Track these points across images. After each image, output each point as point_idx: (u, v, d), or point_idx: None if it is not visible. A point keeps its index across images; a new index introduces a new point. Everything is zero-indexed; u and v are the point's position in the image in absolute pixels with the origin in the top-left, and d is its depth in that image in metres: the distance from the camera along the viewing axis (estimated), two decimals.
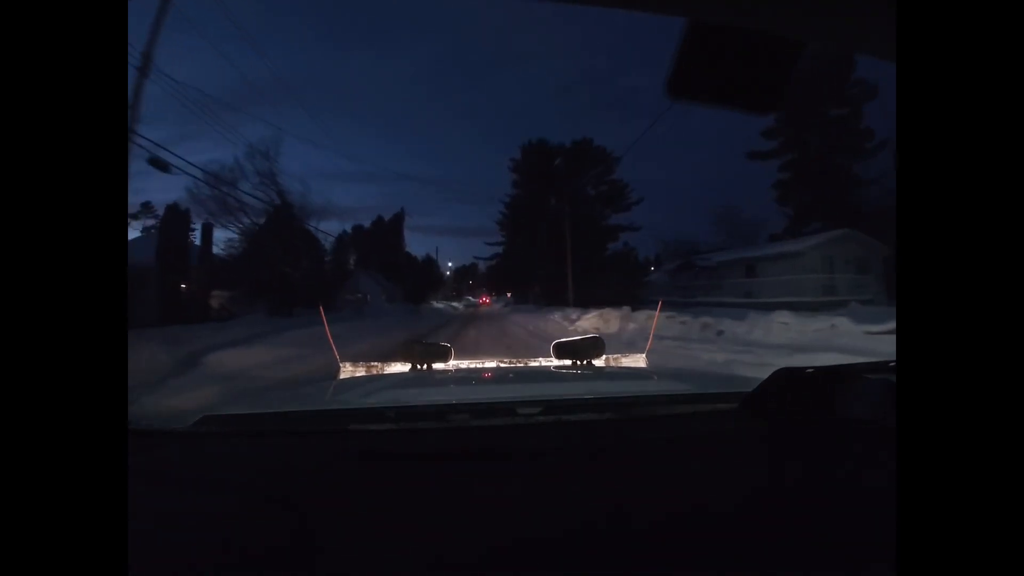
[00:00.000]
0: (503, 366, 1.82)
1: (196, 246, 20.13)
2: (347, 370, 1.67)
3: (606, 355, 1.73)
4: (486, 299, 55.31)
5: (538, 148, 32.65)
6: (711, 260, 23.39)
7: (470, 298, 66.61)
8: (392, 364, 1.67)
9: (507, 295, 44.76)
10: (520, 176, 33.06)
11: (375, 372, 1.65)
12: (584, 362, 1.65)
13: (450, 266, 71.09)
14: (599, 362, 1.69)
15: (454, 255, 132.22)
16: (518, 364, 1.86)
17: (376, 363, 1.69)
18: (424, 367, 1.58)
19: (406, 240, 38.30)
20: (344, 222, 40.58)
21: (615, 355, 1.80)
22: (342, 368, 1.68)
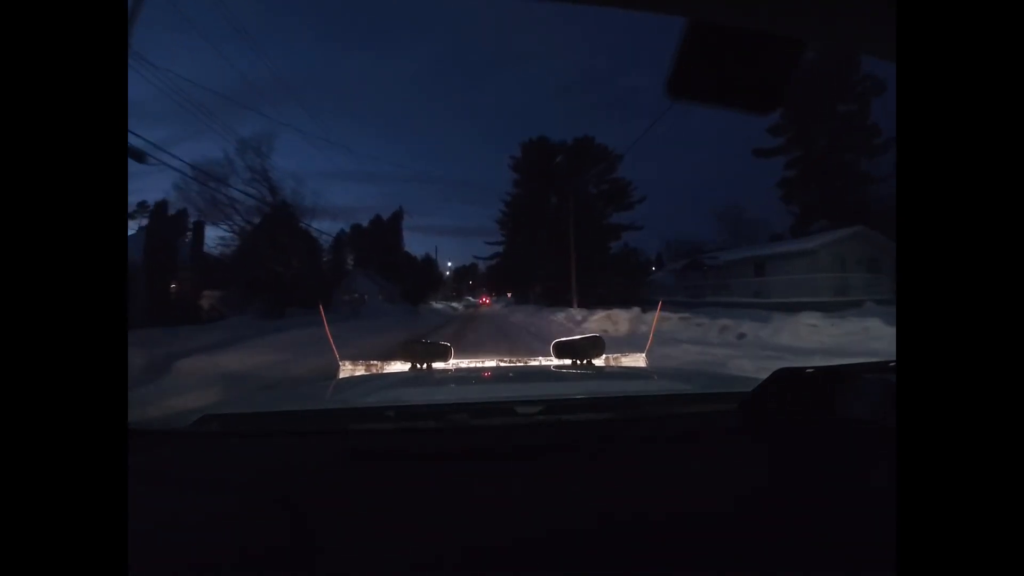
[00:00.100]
0: (503, 365, 1.81)
1: (187, 245, 19.59)
2: (347, 369, 1.66)
3: (606, 354, 1.71)
4: (486, 299, 55.77)
5: (539, 146, 32.22)
6: (719, 259, 22.65)
7: (470, 298, 66.94)
8: (392, 363, 1.66)
9: (507, 295, 44.40)
10: (520, 174, 32.61)
11: (375, 371, 1.64)
12: (584, 361, 1.63)
13: (449, 266, 70.96)
14: (599, 361, 1.68)
15: (454, 255, 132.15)
16: (518, 363, 1.84)
17: (376, 362, 1.68)
18: (424, 366, 1.55)
19: (405, 240, 37.93)
20: (343, 222, 39.98)
21: (615, 354, 1.79)
22: (341, 367, 1.66)
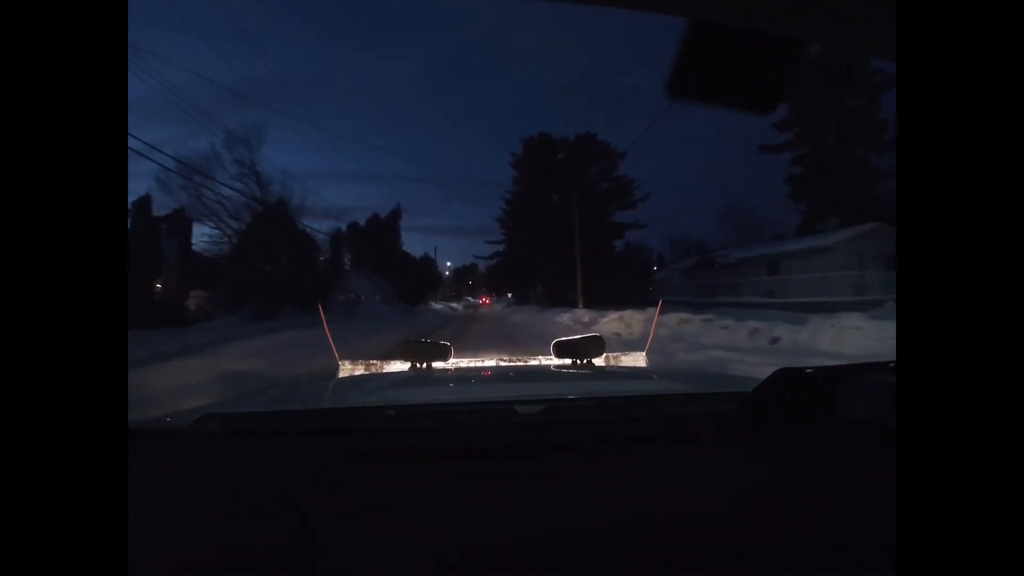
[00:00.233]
0: (503, 365, 1.81)
1: (174, 242, 18.77)
2: (346, 369, 1.67)
3: (606, 354, 1.71)
4: (486, 299, 55.36)
5: (540, 142, 31.41)
6: (730, 256, 21.75)
7: (470, 298, 66.41)
8: (392, 363, 1.67)
9: (507, 295, 43.62)
10: (521, 172, 31.84)
11: (375, 371, 1.65)
12: (584, 361, 1.63)
13: (449, 265, 70.21)
14: (599, 361, 1.68)
15: (454, 255, 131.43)
16: (518, 363, 1.84)
17: (375, 361, 1.69)
18: (424, 366, 1.56)
19: (404, 240, 37.23)
20: (341, 221, 39.14)
21: (615, 354, 1.80)
22: (341, 367, 1.67)
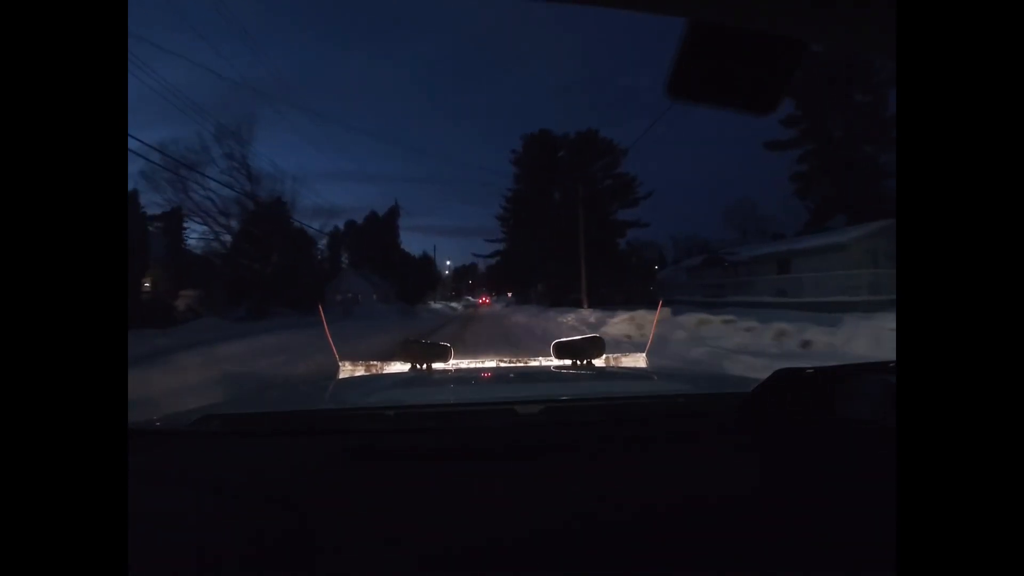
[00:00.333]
0: (503, 366, 1.82)
1: (162, 240, 18.18)
2: (346, 369, 1.67)
3: (606, 355, 1.72)
4: (486, 299, 55.12)
5: (541, 139, 30.77)
6: (739, 254, 21.02)
7: (469, 298, 66.08)
8: (392, 364, 1.67)
9: (507, 295, 43.04)
10: (522, 169, 31.23)
11: (375, 372, 1.65)
12: (584, 362, 1.63)
13: (448, 264, 69.66)
14: (599, 362, 1.68)
15: (454, 255, 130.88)
16: (518, 364, 1.85)
17: (376, 362, 1.69)
18: (424, 367, 1.56)
19: (404, 240, 36.70)
20: (340, 220, 38.45)
21: (615, 355, 1.80)
22: (341, 367, 1.67)
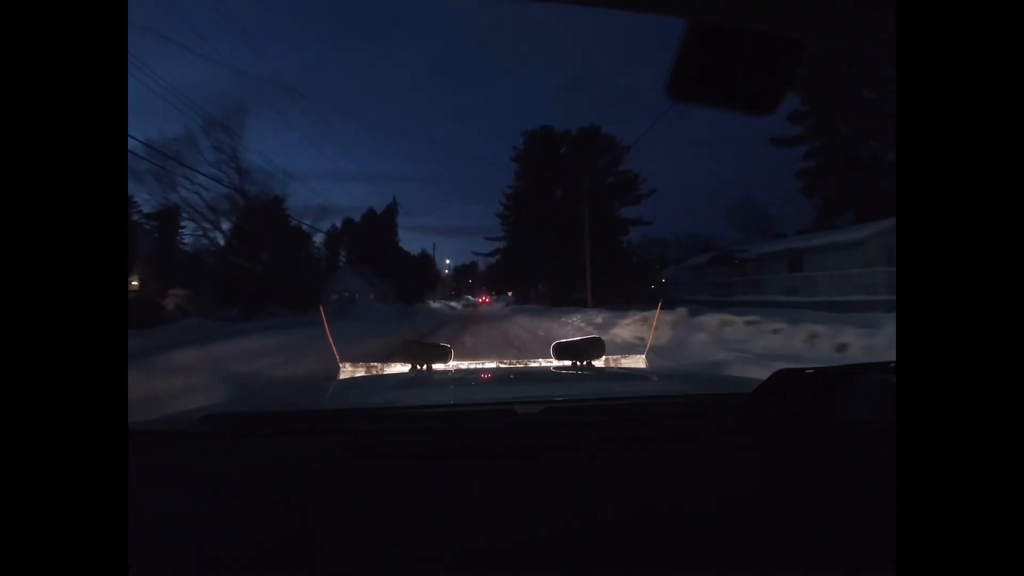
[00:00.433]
0: (503, 367, 1.82)
1: (150, 238, 17.53)
2: (347, 370, 1.68)
3: (606, 356, 1.72)
4: (486, 298, 54.76)
5: (542, 136, 30.11)
6: (749, 252, 20.03)
7: (469, 297, 65.61)
8: (392, 364, 1.68)
9: (508, 294, 42.41)
10: (522, 166, 30.57)
11: (375, 373, 1.66)
12: (584, 363, 1.64)
13: (448, 263, 69.09)
14: (599, 363, 1.68)
15: (454, 254, 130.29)
16: (518, 365, 1.85)
17: (376, 363, 1.70)
18: (424, 367, 1.56)
19: (404, 240, 36.16)
20: (337, 218, 37.79)
21: (615, 356, 1.81)
22: (342, 368, 1.68)
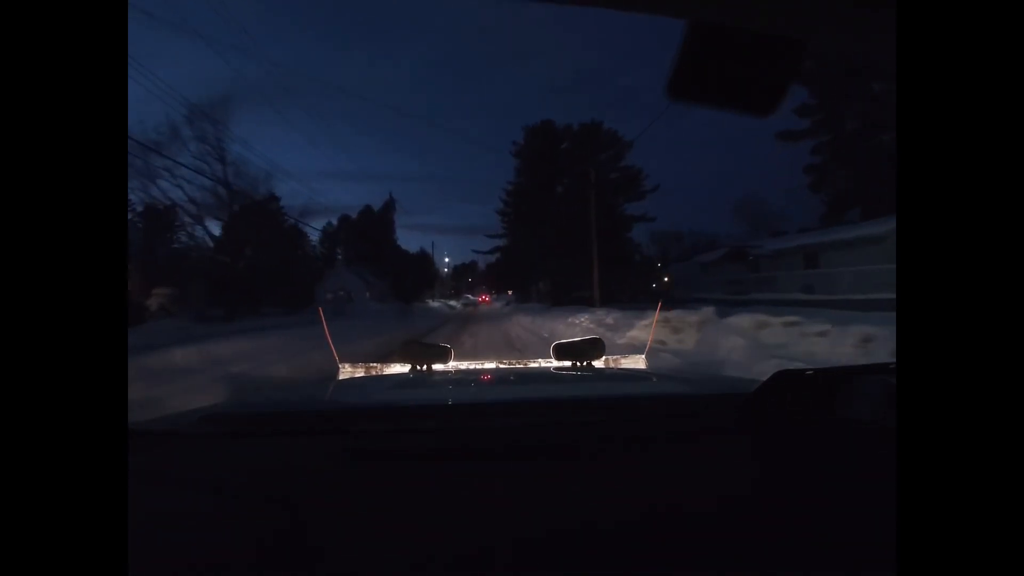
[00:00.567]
0: (503, 367, 1.82)
1: (133, 233, 16.70)
2: (346, 371, 1.68)
3: (606, 356, 1.72)
4: (485, 297, 54.30)
5: (543, 131, 29.28)
6: (763, 248, 19.31)
7: (469, 296, 65.00)
8: (391, 365, 1.68)
9: (508, 293, 41.61)
10: (523, 161, 29.75)
11: (374, 373, 1.66)
12: (584, 363, 1.63)
13: (447, 262, 68.31)
14: (599, 363, 1.68)
15: (455, 253, 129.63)
16: (518, 365, 1.85)
17: (375, 364, 1.70)
18: (423, 368, 1.56)
19: (404, 239, 35.31)
20: (333, 217, 37.00)
21: (615, 356, 1.80)
22: (341, 369, 1.68)
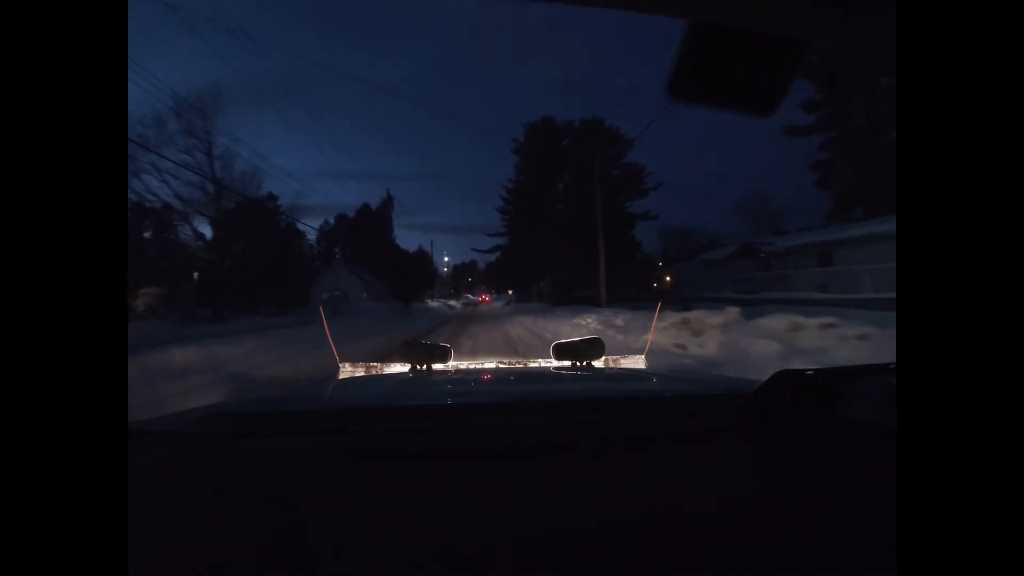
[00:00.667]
0: (503, 367, 1.82)
1: None
2: (347, 370, 1.68)
3: (605, 356, 1.72)
4: (485, 297, 53.94)
5: (543, 127, 28.69)
6: (775, 245, 18.55)
7: (469, 296, 64.56)
8: (392, 364, 1.69)
9: (508, 292, 41.05)
10: (523, 159, 29.16)
11: (375, 372, 1.66)
12: (584, 363, 1.64)
13: (447, 261, 67.78)
14: (599, 363, 1.68)
15: (455, 253, 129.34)
16: (518, 365, 1.86)
17: (376, 363, 1.70)
18: (424, 367, 1.56)
19: (403, 239, 34.78)
20: (331, 217, 36.42)
21: (615, 356, 1.81)
22: (341, 368, 1.68)
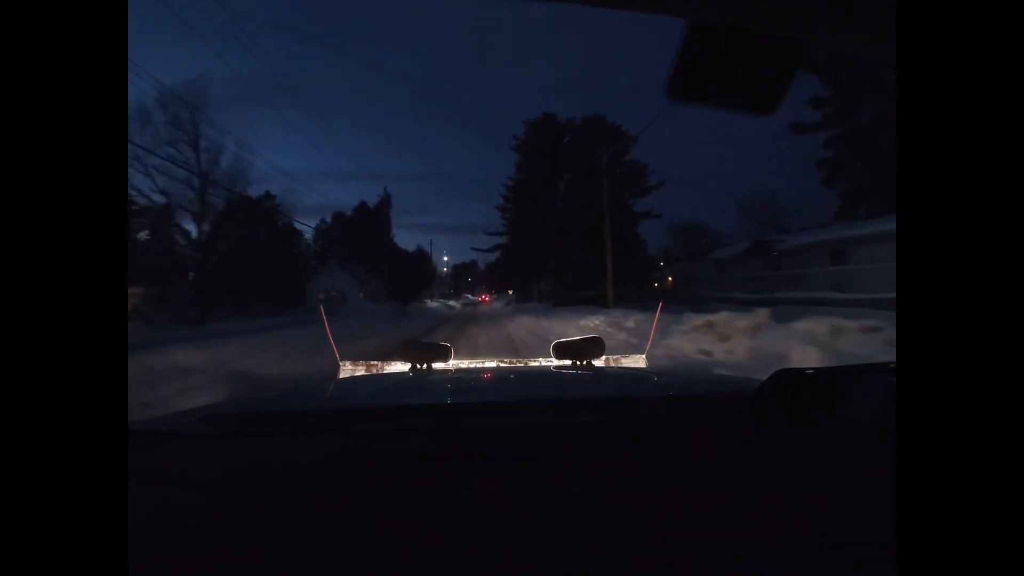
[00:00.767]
0: (503, 366, 1.81)
1: None
2: (347, 369, 1.68)
3: (606, 355, 1.72)
4: (485, 297, 53.63)
5: (544, 124, 28.13)
6: (787, 243, 18.24)
7: (469, 296, 64.15)
8: (392, 364, 1.68)
9: (508, 292, 40.52)
10: (524, 156, 28.65)
11: (375, 372, 1.66)
12: (584, 362, 1.63)
13: (447, 261, 67.29)
14: (599, 362, 1.68)
15: (454, 253, 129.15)
16: (518, 364, 1.86)
17: (376, 363, 1.71)
18: (423, 367, 1.56)
19: (403, 238, 34.24)
20: (328, 216, 35.82)
21: (615, 355, 1.81)
22: (342, 368, 1.68)
